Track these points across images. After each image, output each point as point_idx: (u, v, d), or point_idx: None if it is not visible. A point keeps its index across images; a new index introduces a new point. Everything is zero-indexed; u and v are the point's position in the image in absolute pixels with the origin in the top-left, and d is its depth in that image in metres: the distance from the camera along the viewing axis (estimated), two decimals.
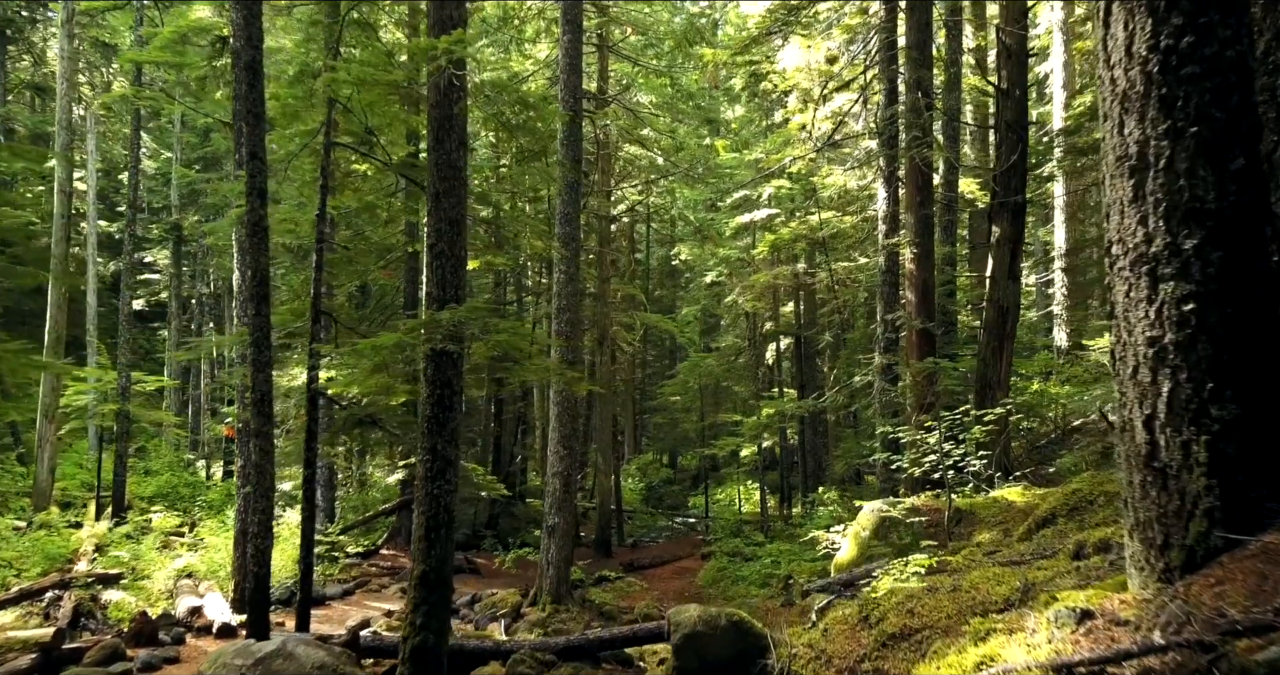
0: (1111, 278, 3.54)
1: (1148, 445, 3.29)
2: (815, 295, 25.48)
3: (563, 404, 14.85)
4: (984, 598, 4.23)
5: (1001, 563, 5.23)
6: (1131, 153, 3.39)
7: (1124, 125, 3.43)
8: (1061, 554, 4.72)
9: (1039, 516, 6.78)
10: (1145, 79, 3.33)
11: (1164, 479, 3.22)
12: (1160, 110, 3.29)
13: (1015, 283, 13.49)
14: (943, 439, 9.01)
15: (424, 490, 7.85)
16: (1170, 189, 3.25)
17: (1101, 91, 3.59)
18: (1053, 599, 3.53)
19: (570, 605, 14.68)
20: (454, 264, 8.08)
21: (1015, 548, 6.03)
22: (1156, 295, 3.28)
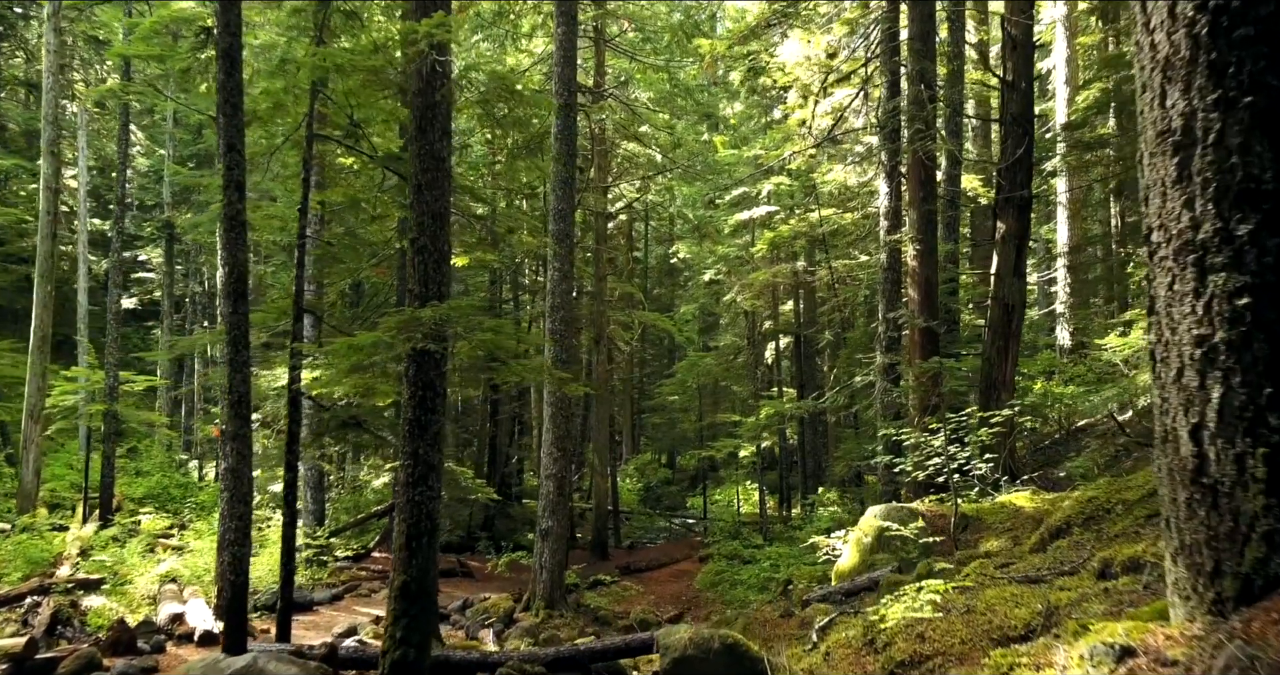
0: (1151, 269, 3.14)
1: (1195, 458, 2.89)
2: (815, 294, 25.08)
3: (556, 405, 14.45)
4: (1001, 622, 3.84)
5: (1017, 579, 4.83)
6: (1175, 127, 2.99)
7: (1166, 96, 3.03)
8: (1085, 572, 4.32)
9: (1052, 525, 6.38)
10: (1191, 43, 2.93)
11: (1214, 497, 2.82)
12: (1209, 78, 2.89)
13: (1020, 280, 13.09)
14: (948, 441, 8.61)
15: (404, 496, 7.46)
16: (1220, 167, 2.85)
17: (1139, 59, 3.19)
18: (1083, 628, 3.13)
19: (564, 610, 14.29)
20: (437, 259, 7.68)
21: (1029, 560, 5.63)
22: (1205, 288, 2.87)
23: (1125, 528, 5.64)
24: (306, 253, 9.80)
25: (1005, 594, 4.18)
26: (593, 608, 15.09)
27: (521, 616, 14.20)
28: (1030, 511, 8.67)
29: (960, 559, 7.44)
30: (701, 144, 24.09)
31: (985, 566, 5.77)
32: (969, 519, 8.83)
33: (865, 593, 8.37)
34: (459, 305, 7.10)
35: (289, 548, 9.51)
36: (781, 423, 17.66)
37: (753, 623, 7.90)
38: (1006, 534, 8.24)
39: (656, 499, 29.56)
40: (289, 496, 9.61)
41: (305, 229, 9.79)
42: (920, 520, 9.09)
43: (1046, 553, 5.91)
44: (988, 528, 8.71)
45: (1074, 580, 4.29)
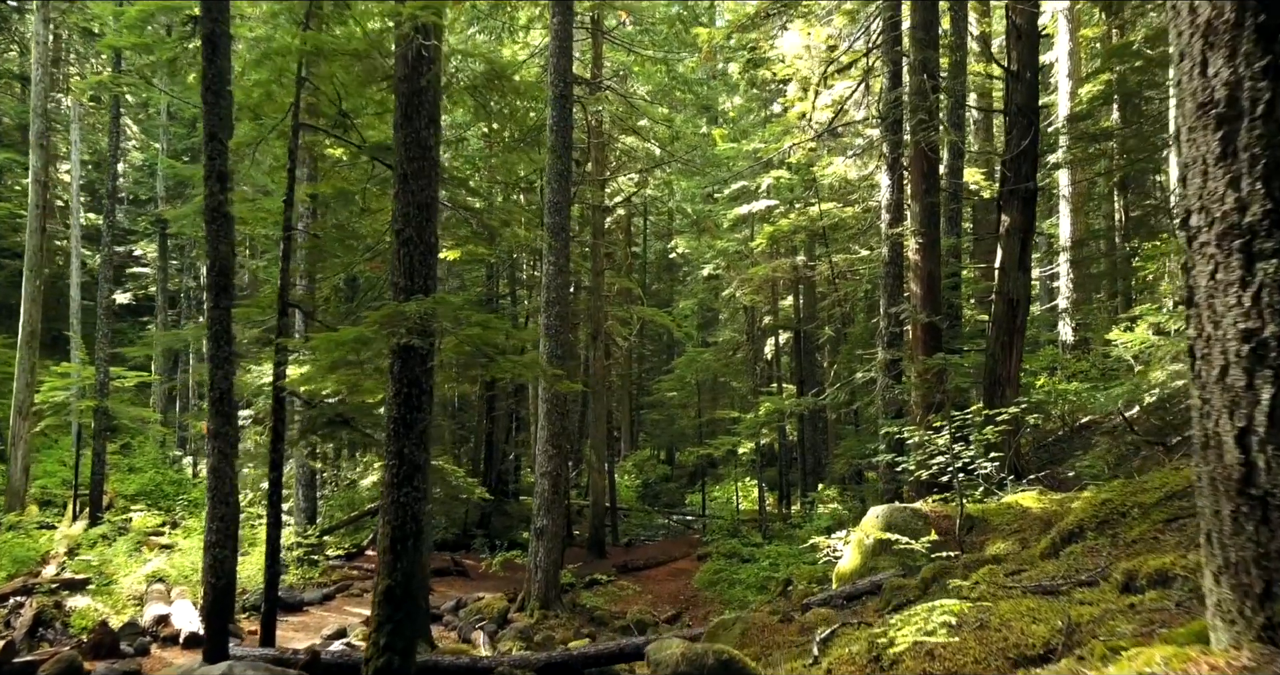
0: (1190, 256, 2.83)
1: (1241, 467, 2.58)
2: (815, 289, 24.76)
3: (551, 401, 14.15)
4: (1018, 639, 3.54)
5: (1031, 589, 4.53)
6: (1218, 98, 2.68)
7: (1207, 64, 2.72)
8: (1107, 585, 4.02)
9: (1065, 529, 6.08)
10: (1237, 4, 2.61)
11: (1264, 510, 2.52)
12: (1257, 43, 2.58)
13: (1025, 274, 12.78)
14: (952, 440, 8.31)
15: (389, 497, 7.16)
16: (1271, 142, 2.54)
17: (1175, 24, 2.88)
18: (1112, 652, 2.84)
19: (559, 610, 14.01)
20: (423, 251, 7.38)
21: (1042, 567, 5.32)
22: (1252, 277, 2.57)
23: (1143, 533, 5.34)
24: (293, 246, 9.49)
25: (1021, 607, 3.88)
26: (589, 607, 14.81)
27: (516, 617, 13.92)
28: (1038, 512, 8.37)
29: (967, 563, 7.14)
30: (700, 137, 23.76)
31: (995, 573, 5.47)
32: (974, 520, 8.53)
33: (867, 596, 8.08)
34: (444, 299, 6.79)
35: (274, 549, 9.22)
36: (781, 420, 17.36)
37: (750, 628, 7.60)
38: (1014, 536, 7.94)
39: (655, 496, 29.27)
40: (273, 496, 9.31)
41: (291, 221, 9.47)
42: (924, 522, 8.80)
43: (1059, 559, 5.61)
44: (994, 529, 8.41)
45: (1094, 593, 3.98)
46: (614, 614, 14.80)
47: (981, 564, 7.01)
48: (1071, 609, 3.68)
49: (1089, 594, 3.98)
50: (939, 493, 9.98)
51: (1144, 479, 6.08)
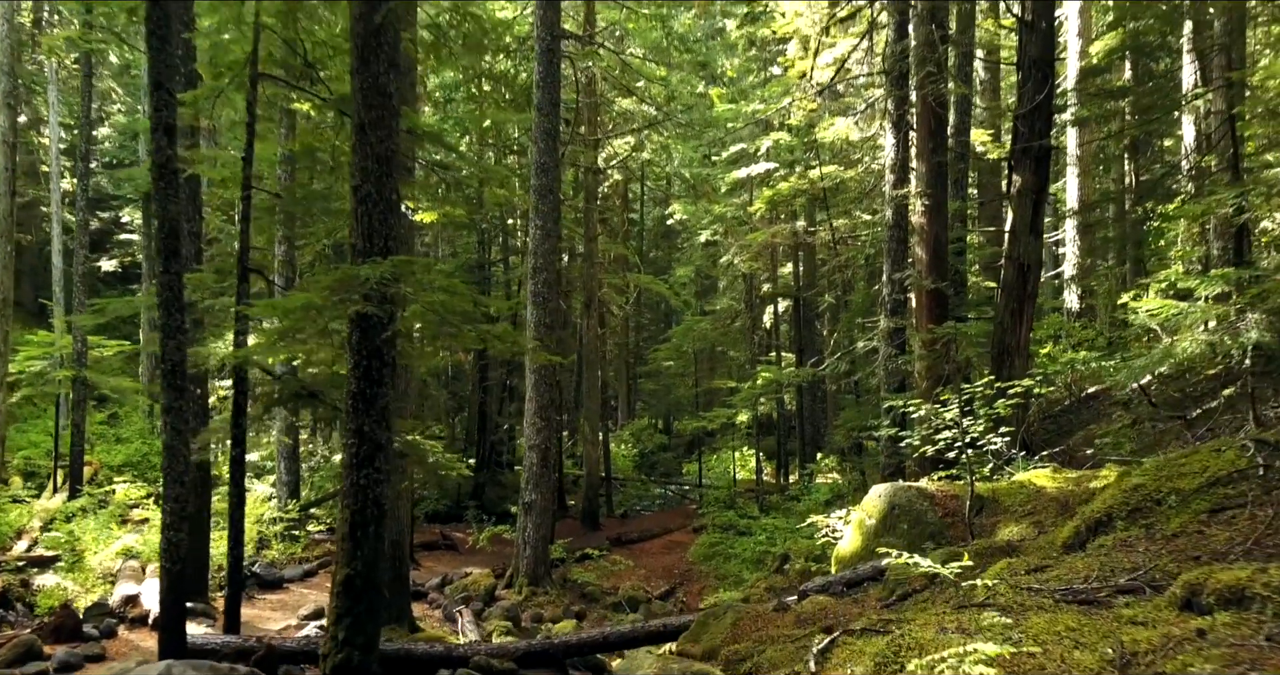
0: None
1: None
2: (815, 255, 24.01)
3: (540, 372, 13.50)
4: (1057, 670, 2.89)
5: (1062, 595, 3.88)
6: None
7: None
8: (1162, 600, 3.35)
9: (1091, 517, 5.42)
10: None
11: None
12: None
13: (1037, 238, 12.05)
14: (962, 414, 7.65)
15: (348, 479, 6.51)
16: None
17: None
18: None
19: (549, 587, 13.48)
20: (383, 210, 6.65)
21: (1069, 563, 4.67)
22: None
23: (1184, 525, 4.69)
24: (251, 207, 8.75)
25: (1058, 625, 3.24)
26: (580, 583, 14.29)
27: (504, 594, 13.39)
28: (1053, 493, 7.73)
29: (978, 550, 6.51)
30: (697, 98, 22.84)
31: (1014, 569, 4.83)
32: (984, 500, 7.90)
33: (869, 583, 7.48)
34: (405, 262, 6.08)
35: (237, 531, 8.60)
36: (779, 391, 16.71)
37: (742, 618, 7.00)
38: (1027, 519, 7.31)
39: (652, 466, 28.75)
40: (235, 474, 8.67)
41: (249, 180, 8.72)
42: (930, 502, 8.17)
43: (1088, 553, 4.96)
44: (1005, 511, 7.78)
45: (1144, 607, 3.33)
46: (605, 590, 14.28)
47: (995, 553, 6.38)
48: (1121, 630, 3.03)
49: (1138, 608, 3.32)
50: (944, 469, 9.33)
51: (1179, 461, 5.41)
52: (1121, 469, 7.60)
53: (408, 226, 15.14)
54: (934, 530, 7.87)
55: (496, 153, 23.83)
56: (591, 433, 19.65)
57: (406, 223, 10.90)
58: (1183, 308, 6.81)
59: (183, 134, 12.36)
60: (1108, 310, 22.31)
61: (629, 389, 33.13)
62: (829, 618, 6.66)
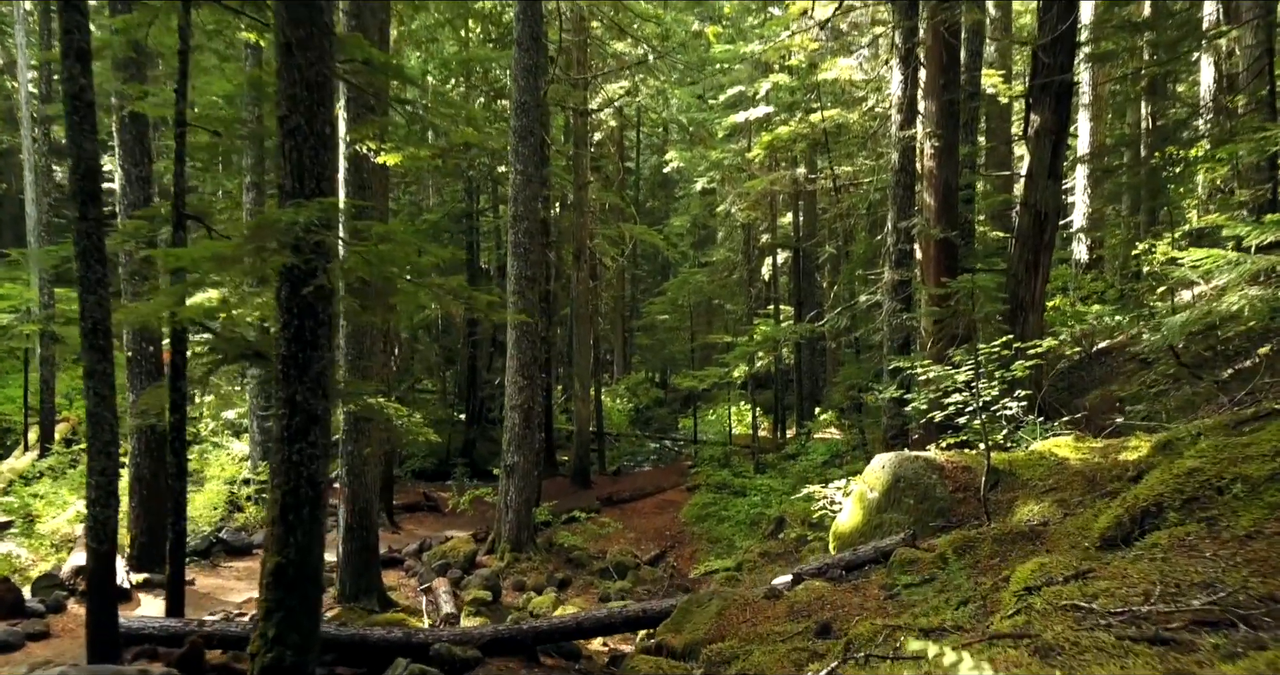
0: None
1: None
2: (816, 204, 22.93)
3: (521, 328, 12.61)
4: None
5: (1124, 626, 3.03)
6: None
7: None
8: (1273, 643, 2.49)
9: (1136, 505, 4.56)
10: None
11: None
12: None
13: (1056, 183, 11.07)
14: (978, 376, 6.77)
15: (279, 455, 5.65)
16: None
17: None
18: None
19: (532, 552, 12.75)
20: (315, 145, 5.67)
21: (1119, 569, 3.81)
22: None
23: (1257, 523, 3.83)
24: (185, 146, 7.76)
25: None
26: (565, 547, 13.56)
27: (485, 560, 12.67)
28: (1077, 465, 6.88)
29: (996, 535, 5.67)
30: (692, 36, 21.53)
31: (1048, 574, 3.97)
32: (999, 473, 7.05)
33: (871, 566, 6.67)
34: (335, 205, 5.14)
35: (179, 505, 7.80)
36: (776, 348, 15.81)
37: (729, 607, 6.20)
38: (1050, 496, 6.46)
39: (647, 421, 28.00)
40: (176, 443, 7.84)
41: (183, 116, 7.72)
42: (938, 475, 7.32)
43: (1135, 551, 4.11)
44: (1023, 485, 6.94)
45: (1249, 661, 2.47)
46: (593, 554, 13.57)
47: (1017, 539, 5.54)
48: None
49: (1242, 665, 2.46)
50: (952, 435, 8.48)
51: (1242, 441, 4.53)
52: (1155, 439, 6.74)
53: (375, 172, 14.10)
54: (943, 506, 7.04)
55: (486, 97, 22.61)
56: (582, 389, 18.82)
57: (370, 166, 9.91)
58: (1233, 257, 5.88)
59: (122, 65, 11.34)
60: (1120, 261, 21.33)
61: (624, 343, 32.24)
62: (826, 609, 5.86)
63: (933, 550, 6.30)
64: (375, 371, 9.86)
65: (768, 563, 12.23)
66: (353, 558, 9.88)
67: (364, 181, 9.87)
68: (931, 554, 5.92)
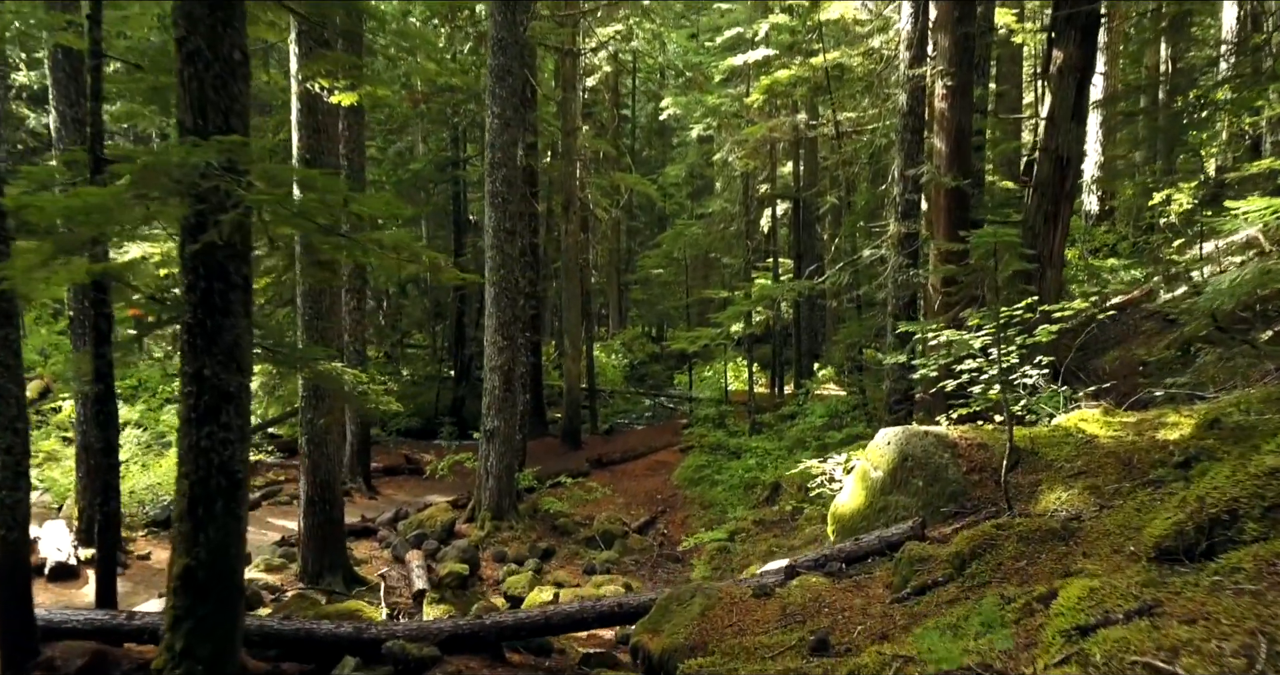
0: None
1: None
2: (817, 153, 21.80)
3: (500, 284, 11.70)
4: None
5: None
6: None
7: None
8: None
9: (1202, 511, 3.71)
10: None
11: None
12: None
13: (1080, 126, 10.06)
14: (999, 342, 5.88)
15: (186, 440, 4.80)
16: None
17: None
18: None
19: (514, 521, 12.01)
20: (220, 73, 4.71)
21: (1198, 604, 2.97)
22: None
23: None
24: (102, 80, 6.76)
25: None
26: (551, 514, 12.84)
27: (465, 529, 11.94)
28: (1108, 443, 6.03)
29: (1021, 533, 4.83)
30: None
31: (1104, 608, 3.14)
32: (1019, 451, 6.20)
33: (875, 559, 5.86)
34: (236, 143, 4.20)
35: (107, 485, 6.98)
36: (774, 306, 14.86)
37: (713, 606, 5.41)
38: (1079, 480, 5.62)
39: (641, 378, 27.18)
40: (103, 415, 7.01)
41: (99, 47, 6.71)
42: (951, 453, 6.48)
43: (1205, 575, 3.26)
44: (1047, 466, 6.09)
45: None
46: (579, 521, 12.84)
47: (1045, 538, 4.71)
48: None
49: None
50: (962, 405, 7.60)
51: None
52: (1197, 414, 5.88)
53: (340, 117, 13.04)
54: (955, 490, 6.21)
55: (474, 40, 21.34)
56: (572, 347, 17.96)
57: (324, 106, 8.89)
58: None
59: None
60: (1134, 213, 20.29)
61: (620, 296, 31.30)
62: (824, 614, 5.06)
63: (946, 543, 5.48)
64: (336, 333, 8.99)
65: (762, 532, 11.50)
66: (315, 533, 9.12)
67: (319, 125, 8.86)
68: (946, 551, 5.10)
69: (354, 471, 13.88)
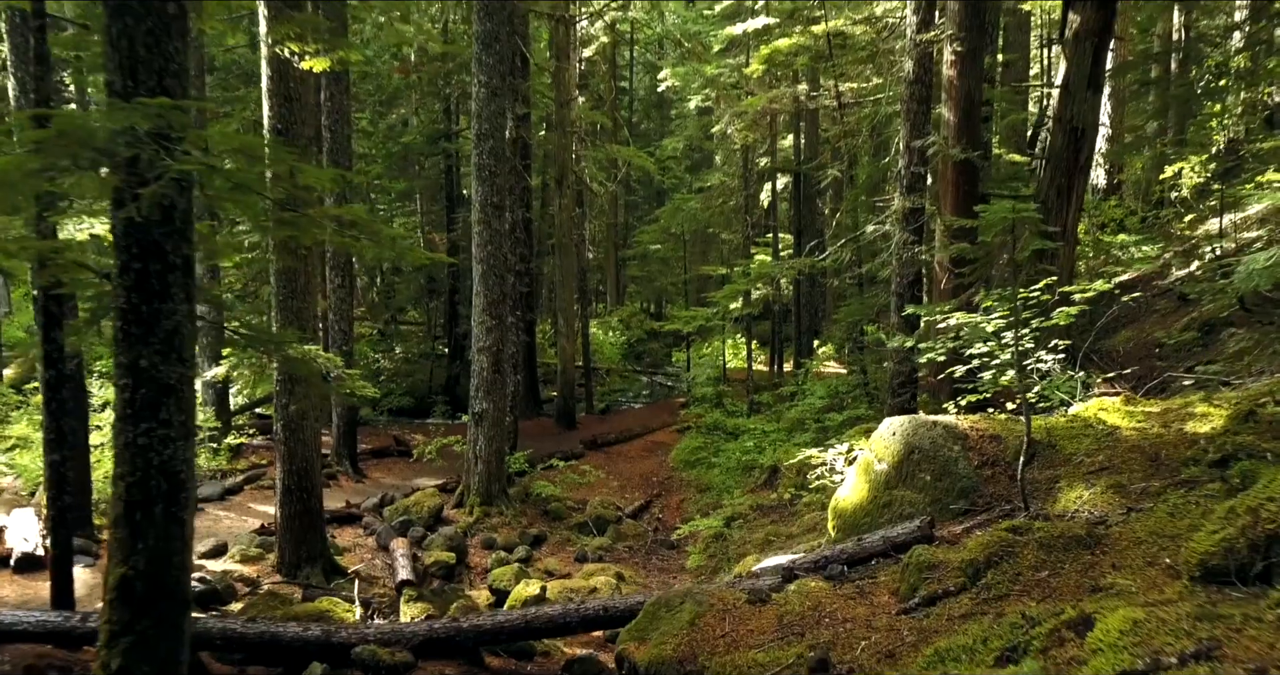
0: None
1: None
2: (818, 126, 21.18)
3: (487, 261, 11.19)
4: None
5: None
6: None
7: None
8: None
9: (1258, 526, 3.24)
10: None
11: None
12: None
13: (1096, 95, 9.50)
14: (1018, 326, 5.41)
15: (121, 438, 4.33)
16: None
17: None
18: None
19: (504, 506, 11.60)
20: (152, 29, 4.18)
21: (1265, 644, 2.52)
22: None
23: None
24: (47, 43, 6.22)
25: None
26: (543, 498, 12.42)
27: (452, 514, 11.53)
28: (1132, 436, 5.57)
29: (1043, 539, 4.38)
30: None
31: (1149, 642, 2.70)
32: (1036, 444, 5.74)
33: (880, 562, 5.41)
34: (167, 106, 3.70)
35: (58, 476, 6.53)
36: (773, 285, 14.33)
37: (704, 615, 4.97)
38: (1102, 477, 5.16)
39: (639, 355, 26.69)
40: (51, 403, 6.53)
41: (42, 2, 6.16)
42: (961, 446, 6.01)
43: (1265, 603, 2.80)
44: (1066, 461, 5.63)
45: None
46: (572, 506, 12.44)
47: (1070, 545, 4.26)
48: None
49: None
50: (972, 391, 7.13)
51: None
52: (1230, 404, 5.41)
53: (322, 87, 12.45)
54: (966, 485, 5.75)
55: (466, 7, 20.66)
56: (567, 326, 17.47)
57: (297, 73, 8.33)
58: None
59: None
60: (1143, 187, 19.72)
61: (617, 272, 30.74)
62: (824, 626, 4.62)
63: (957, 545, 5.04)
64: (312, 313, 8.50)
65: (759, 517, 11.09)
66: (292, 523, 8.70)
67: (290, 92, 8.31)
68: (958, 557, 4.65)
69: (340, 454, 13.45)
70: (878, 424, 11.16)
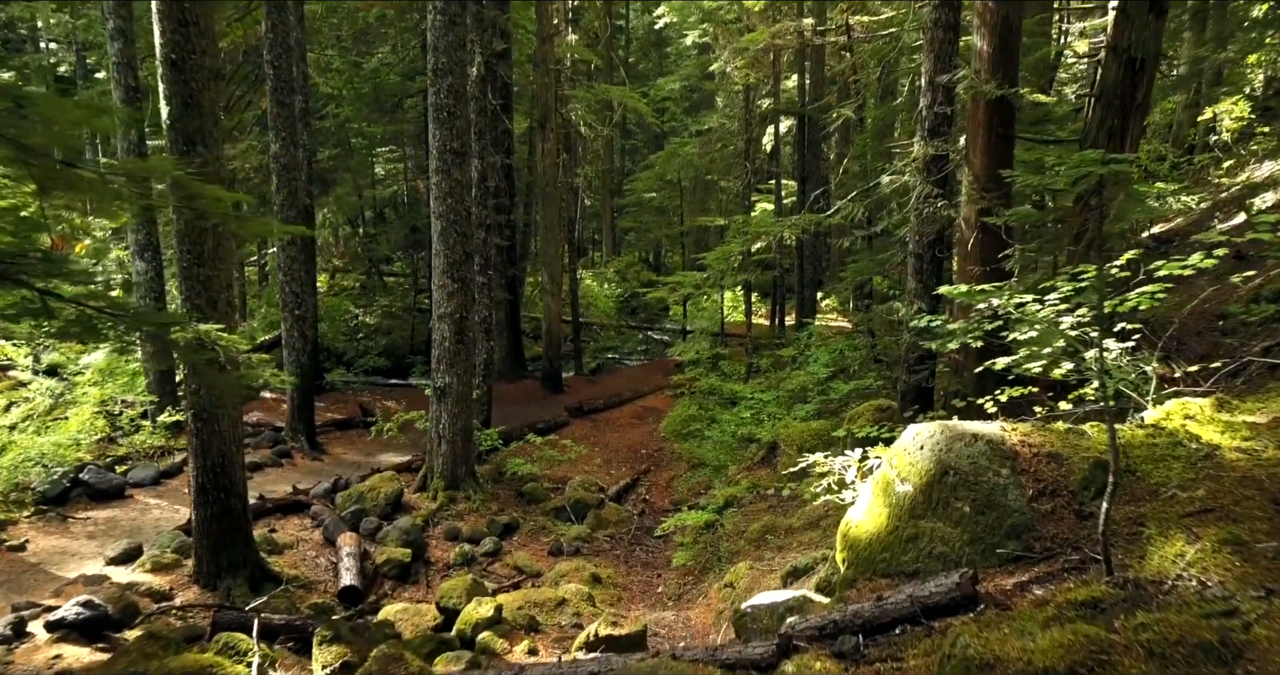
0: None
1: None
2: (824, 65, 19.36)
3: (447, 215, 9.71)
4: None
5: None
6: None
7: None
8: None
9: None
10: None
11: None
12: None
13: (1160, 19, 7.84)
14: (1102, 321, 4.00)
15: None
16: None
17: None
18: None
19: (472, 490, 10.31)
20: None
21: None
22: None
23: None
24: None
25: None
26: (519, 478, 11.15)
27: (414, 499, 10.25)
28: (1238, 462, 4.16)
29: (1151, 641, 3.00)
30: None
31: None
32: (1103, 467, 4.34)
33: (907, 630, 4.03)
34: None
35: None
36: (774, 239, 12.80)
37: None
38: (1209, 525, 3.77)
39: (634, 310, 25.24)
40: None
41: None
42: (1009, 467, 4.61)
43: None
44: (1150, 493, 4.24)
45: None
46: (550, 486, 11.17)
47: (1191, 651, 2.88)
48: None
49: None
50: (1016, 386, 5.71)
51: None
52: None
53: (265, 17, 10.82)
54: (1019, 524, 4.37)
55: None
56: (552, 282, 16.01)
57: None
58: None
59: None
60: (1175, 130, 18.02)
61: (613, 221, 29.09)
62: None
63: (1010, 610, 3.69)
64: (224, 284, 7.06)
65: (756, 502, 9.80)
66: (209, 526, 7.39)
67: (186, 15, 6.72)
68: (1020, 654, 3.27)
69: (294, 429, 12.14)
70: (889, 401, 9.76)
